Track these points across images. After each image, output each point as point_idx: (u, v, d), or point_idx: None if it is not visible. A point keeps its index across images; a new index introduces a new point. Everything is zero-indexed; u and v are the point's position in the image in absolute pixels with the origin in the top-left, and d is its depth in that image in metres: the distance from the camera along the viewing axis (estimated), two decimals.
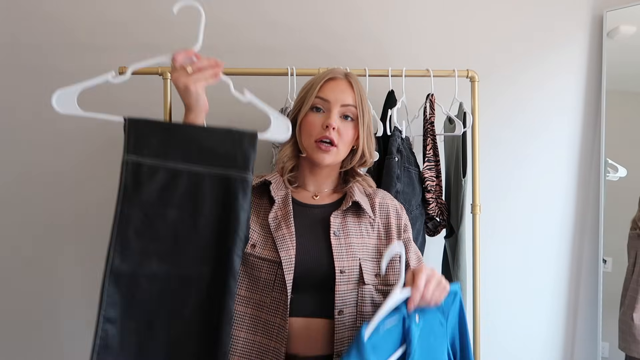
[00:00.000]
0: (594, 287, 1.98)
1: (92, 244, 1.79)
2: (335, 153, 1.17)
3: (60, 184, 1.78)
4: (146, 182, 0.94)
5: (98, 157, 1.79)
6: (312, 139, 1.16)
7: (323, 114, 1.17)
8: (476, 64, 1.78)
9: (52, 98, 0.94)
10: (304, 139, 1.18)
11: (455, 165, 1.68)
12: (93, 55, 1.78)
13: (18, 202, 1.77)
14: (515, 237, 1.97)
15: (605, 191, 1.95)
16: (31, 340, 1.78)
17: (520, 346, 1.98)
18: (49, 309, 1.78)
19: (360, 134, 1.20)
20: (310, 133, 1.16)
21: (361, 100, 1.20)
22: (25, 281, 1.78)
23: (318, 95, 1.16)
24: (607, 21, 1.95)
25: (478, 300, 1.67)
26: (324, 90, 1.17)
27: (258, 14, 1.84)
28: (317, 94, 1.16)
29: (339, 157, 1.19)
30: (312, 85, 1.19)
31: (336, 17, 1.88)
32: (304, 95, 1.20)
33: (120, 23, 1.79)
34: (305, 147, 1.18)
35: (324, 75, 1.20)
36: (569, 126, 1.99)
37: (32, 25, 1.76)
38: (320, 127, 1.15)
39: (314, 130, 1.16)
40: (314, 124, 1.16)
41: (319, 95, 1.16)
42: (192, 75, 1.02)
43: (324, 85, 1.17)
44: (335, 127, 1.15)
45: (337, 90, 1.17)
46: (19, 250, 1.78)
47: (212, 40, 1.84)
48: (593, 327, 1.98)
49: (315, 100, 1.17)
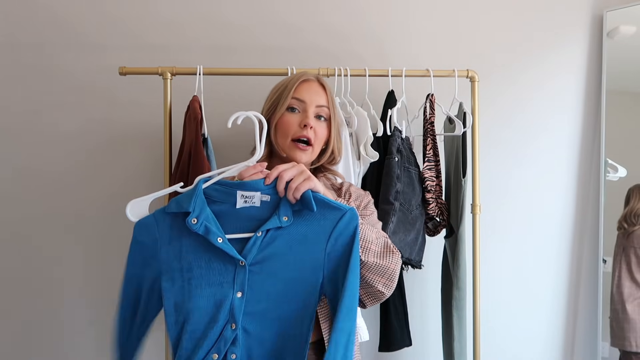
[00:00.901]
0: (594, 287, 1.98)
1: (92, 244, 1.79)
2: (311, 152, 1.21)
3: (60, 184, 1.78)
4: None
5: (99, 157, 1.79)
6: (289, 138, 1.19)
7: (299, 114, 1.20)
8: (476, 64, 1.78)
9: (127, 209, 0.99)
10: (280, 138, 1.20)
11: (455, 165, 1.68)
12: (93, 55, 1.78)
13: (18, 202, 1.77)
14: (515, 237, 1.97)
15: (605, 191, 1.95)
16: (31, 340, 1.78)
17: (520, 346, 1.98)
18: (49, 309, 1.78)
19: (332, 133, 1.24)
20: (287, 132, 1.19)
21: (332, 102, 1.25)
22: (25, 281, 1.78)
23: (294, 96, 1.20)
24: (607, 21, 1.95)
25: (478, 300, 1.67)
26: (299, 91, 1.21)
27: (258, 14, 1.84)
28: (292, 95, 1.20)
29: (313, 155, 1.23)
30: (287, 87, 1.22)
31: (336, 17, 1.88)
32: (278, 97, 1.22)
33: (121, 23, 1.79)
34: (281, 147, 1.20)
35: (298, 77, 1.23)
36: (569, 126, 1.99)
37: (32, 25, 1.76)
38: (297, 126, 1.19)
39: (290, 129, 1.19)
40: (291, 124, 1.19)
41: (295, 96, 1.20)
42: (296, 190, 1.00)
43: (299, 86, 1.21)
44: (312, 126, 1.19)
45: (311, 91, 1.22)
46: (19, 250, 1.78)
47: (212, 40, 1.85)
48: (593, 327, 1.98)
49: (292, 101, 1.20)
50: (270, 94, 1.27)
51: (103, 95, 1.78)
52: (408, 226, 1.55)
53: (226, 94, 1.74)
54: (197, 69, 1.52)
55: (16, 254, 1.77)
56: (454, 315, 1.65)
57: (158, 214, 1.02)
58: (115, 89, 1.74)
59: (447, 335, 1.71)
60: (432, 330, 1.90)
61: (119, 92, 1.75)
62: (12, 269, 1.77)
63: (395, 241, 1.52)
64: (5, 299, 1.78)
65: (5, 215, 1.77)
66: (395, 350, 1.66)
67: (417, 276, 1.87)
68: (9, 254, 1.77)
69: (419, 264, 1.62)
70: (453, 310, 1.65)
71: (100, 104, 1.78)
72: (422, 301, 1.92)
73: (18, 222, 1.77)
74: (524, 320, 1.98)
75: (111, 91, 1.77)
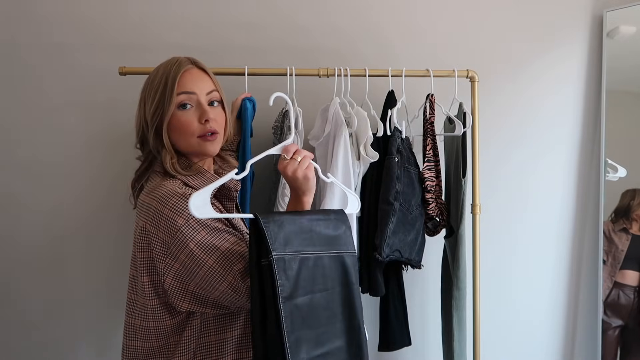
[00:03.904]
0: (594, 287, 1.98)
1: (93, 244, 1.79)
2: (220, 139, 1.15)
3: (61, 184, 1.78)
4: (292, 274, 0.95)
5: (99, 157, 1.79)
6: (193, 137, 1.11)
7: (193, 110, 1.11)
8: (476, 64, 1.78)
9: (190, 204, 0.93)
10: (183, 139, 1.11)
11: (455, 165, 1.68)
12: (93, 55, 1.78)
13: (18, 202, 1.77)
14: (515, 237, 1.97)
15: (605, 191, 1.95)
16: (31, 340, 1.78)
17: (520, 346, 1.98)
18: (50, 309, 1.79)
19: (227, 115, 1.18)
20: (188, 132, 1.10)
21: (216, 81, 1.17)
22: (26, 281, 1.78)
23: (181, 91, 1.09)
24: (607, 21, 1.95)
25: (478, 300, 1.67)
26: (184, 83, 1.10)
27: (258, 14, 1.84)
28: (178, 90, 1.09)
29: (222, 141, 1.17)
30: (167, 82, 1.09)
31: (336, 17, 1.88)
32: (161, 95, 1.09)
33: (121, 23, 1.79)
34: (188, 146, 1.12)
35: (177, 69, 1.10)
36: (569, 126, 1.99)
37: (32, 25, 1.76)
38: (197, 123, 1.10)
39: (191, 127, 1.10)
40: (189, 122, 1.10)
41: (182, 91, 1.09)
42: (302, 164, 1.04)
43: (182, 78, 1.10)
44: (212, 118, 1.12)
45: (196, 79, 1.12)
46: (20, 250, 1.78)
47: (213, 40, 1.85)
48: (593, 327, 1.98)
49: (180, 97, 1.09)
50: (147, 93, 1.12)
51: (104, 95, 1.78)
52: (408, 226, 1.55)
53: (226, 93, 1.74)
54: None
55: (16, 254, 1.77)
56: (453, 315, 1.66)
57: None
58: (116, 89, 1.74)
59: (447, 335, 1.72)
60: (432, 330, 1.90)
61: (120, 92, 1.75)
62: (12, 269, 1.77)
63: (395, 241, 1.52)
64: (6, 299, 1.78)
65: (5, 214, 1.77)
66: (395, 350, 1.66)
67: (417, 276, 1.87)
68: (9, 253, 1.77)
69: (419, 264, 1.62)
70: (453, 310, 1.65)
71: (101, 104, 1.78)
72: (422, 301, 1.92)
73: (18, 221, 1.77)
74: (524, 319, 1.98)
75: (112, 91, 1.77)
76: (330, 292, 0.99)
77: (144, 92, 1.14)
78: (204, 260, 0.99)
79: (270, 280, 0.92)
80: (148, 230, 1.05)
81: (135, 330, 1.11)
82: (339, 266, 1.02)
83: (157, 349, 1.09)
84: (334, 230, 1.03)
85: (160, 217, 1.02)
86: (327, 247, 1.01)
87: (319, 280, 0.98)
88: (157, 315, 1.07)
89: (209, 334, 1.08)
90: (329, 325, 0.98)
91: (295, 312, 0.93)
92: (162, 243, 1.03)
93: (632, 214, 1.93)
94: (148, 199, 1.06)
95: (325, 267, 0.99)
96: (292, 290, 0.93)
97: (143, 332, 1.09)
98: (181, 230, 1.00)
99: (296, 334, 0.92)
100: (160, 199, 1.03)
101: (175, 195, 1.03)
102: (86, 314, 1.80)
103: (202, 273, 1.00)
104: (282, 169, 1.05)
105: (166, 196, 1.03)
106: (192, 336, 1.07)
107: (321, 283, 0.98)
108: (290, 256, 0.95)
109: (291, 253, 0.95)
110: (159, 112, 1.09)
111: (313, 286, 0.97)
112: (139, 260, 1.07)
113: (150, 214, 1.04)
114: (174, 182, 1.08)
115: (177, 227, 1.00)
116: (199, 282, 1.01)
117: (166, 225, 1.01)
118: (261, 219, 0.94)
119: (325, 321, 0.98)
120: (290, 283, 0.93)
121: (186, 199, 1.01)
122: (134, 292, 1.11)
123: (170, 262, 1.02)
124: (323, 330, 0.97)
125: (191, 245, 0.99)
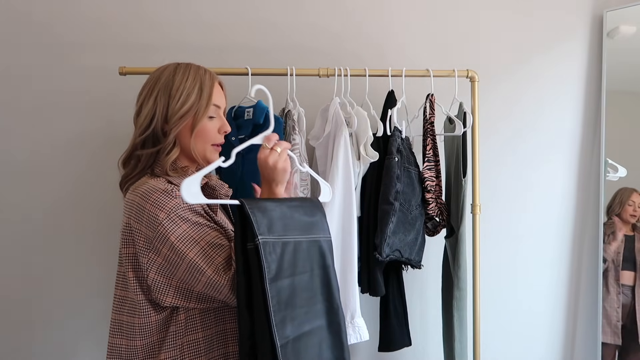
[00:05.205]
0: (594, 287, 1.98)
1: (93, 243, 1.79)
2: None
3: (60, 183, 1.78)
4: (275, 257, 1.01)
5: (99, 157, 1.79)
6: (208, 144, 1.18)
7: (216, 120, 1.19)
8: (476, 64, 1.79)
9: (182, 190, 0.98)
10: (199, 144, 1.17)
11: (455, 165, 1.68)
12: (93, 55, 1.78)
13: (18, 202, 1.77)
14: (515, 237, 1.97)
15: (605, 191, 1.95)
16: (32, 340, 1.78)
17: (520, 346, 1.98)
18: (50, 309, 1.79)
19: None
20: (206, 139, 1.18)
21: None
22: (26, 281, 1.78)
23: (214, 103, 1.17)
24: (607, 21, 1.95)
25: (478, 300, 1.67)
26: (216, 96, 1.18)
27: (258, 14, 1.84)
28: (212, 102, 1.16)
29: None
30: (203, 91, 1.15)
31: (336, 17, 1.88)
32: (195, 101, 1.14)
33: (121, 23, 1.79)
34: (199, 151, 1.17)
35: (211, 81, 1.17)
36: (569, 126, 1.99)
37: (31, 25, 1.76)
38: (216, 132, 1.19)
39: (210, 135, 1.18)
40: (210, 130, 1.18)
41: (215, 103, 1.17)
42: (281, 155, 1.09)
43: (214, 91, 1.18)
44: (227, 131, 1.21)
45: (221, 95, 1.21)
46: (20, 250, 1.78)
47: (213, 41, 1.85)
48: (593, 327, 1.98)
49: (212, 108, 1.17)
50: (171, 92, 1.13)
51: (104, 95, 1.78)
52: (408, 226, 1.55)
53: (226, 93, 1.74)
54: None
55: (16, 254, 1.77)
56: (454, 315, 1.65)
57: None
58: (116, 89, 1.74)
59: (447, 336, 1.72)
60: (432, 330, 1.90)
61: (120, 92, 1.75)
62: (12, 269, 1.77)
63: (395, 241, 1.52)
64: (6, 299, 1.78)
65: (5, 214, 1.77)
66: (395, 350, 1.66)
67: (417, 276, 1.87)
68: (9, 253, 1.77)
69: (419, 264, 1.62)
70: (454, 310, 1.65)
71: (101, 104, 1.78)
72: (422, 301, 1.92)
73: (18, 221, 1.77)
74: (524, 319, 1.98)
75: (112, 91, 1.77)
76: (310, 274, 1.05)
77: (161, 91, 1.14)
78: (185, 252, 1.03)
79: (257, 262, 0.97)
80: (132, 226, 1.08)
81: (120, 326, 1.13)
82: (317, 250, 1.07)
83: (141, 348, 1.10)
84: (310, 217, 1.08)
85: (142, 212, 1.06)
86: (306, 232, 1.06)
87: (299, 263, 1.03)
88: (143, 311, 1.09)
89: (195, 331, 1.10)
90: (310, 306, 1.03)
91: (280, 292, 0.98)
92: (145, 238, 1.06)
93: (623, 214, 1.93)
94: (132, 195, 1.10)
95: (305, 251, 1.04)
96: (276, 272, 0.98)
97: (128, 330, 1.11)
98: (162, 224, 1.03)
99: (282, 314, 0.97)
100: (142, 195, 1.07)
101: (157, 191, 1.06)
102: (87, 314, 1.80)
103: (185, 265, 1.03)
104: (263, 158, 1.08)
105: (148, 192, 1.07)
106: (178, 333, 1.09)
107: (301, 266, 1.03)
108: (273, 240, 0.99)
109: (275, 237, 1.00)
110: (189, 115, 1.13)
111: (294, 269, 1.02)
112: (124, 257, 1.11)
113: (134, 210, 1.08)
114: (157, 180, 1.11)
115: (158, 221, 1.04)
116: (182, 275, 1.05)
117: (148, 219, 1.05)
118: (247, 204, 0.98)
119: (306, 302, 1.02)
120: (275, 265, 0.98)
121: (168, 194, 1.06)
122: (123, 289, 1.14)
123: (153, 257, 1.06)
124: (305, 310, 1.02)
125: (172, 239, 1.03)
